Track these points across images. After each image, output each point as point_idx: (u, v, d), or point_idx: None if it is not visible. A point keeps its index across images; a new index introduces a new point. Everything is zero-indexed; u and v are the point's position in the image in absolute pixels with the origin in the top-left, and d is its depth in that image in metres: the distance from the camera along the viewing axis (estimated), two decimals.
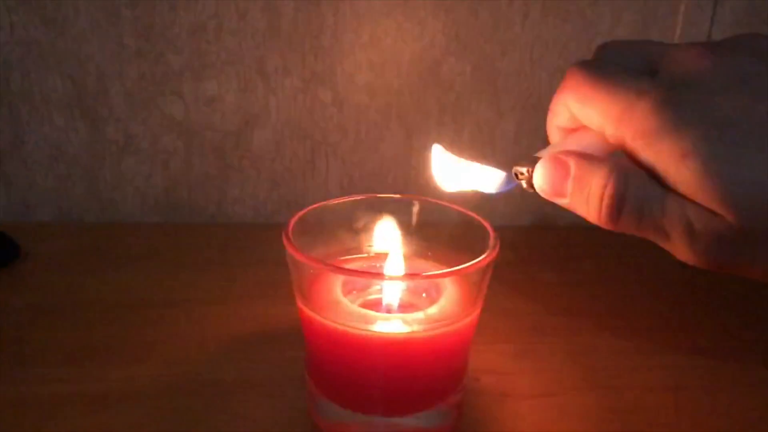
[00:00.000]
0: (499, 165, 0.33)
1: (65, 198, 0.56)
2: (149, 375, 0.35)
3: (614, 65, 0.30)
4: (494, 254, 0.28)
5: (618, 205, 0.28)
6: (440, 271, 0.30)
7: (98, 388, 0.34)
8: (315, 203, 0.33)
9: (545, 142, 0.33)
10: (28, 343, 0.38)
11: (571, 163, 0.29)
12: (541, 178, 0.30)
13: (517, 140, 0.56)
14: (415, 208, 0.34)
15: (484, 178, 0.32)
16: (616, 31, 0.54)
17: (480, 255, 0.28)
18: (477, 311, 0.30)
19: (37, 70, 0.52)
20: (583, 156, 0.30)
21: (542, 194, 0.31)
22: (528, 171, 0.31)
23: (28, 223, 0.56)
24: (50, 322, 0.40)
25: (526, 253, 0.53)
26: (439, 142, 0.56)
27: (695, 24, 0.54)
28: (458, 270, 0.28)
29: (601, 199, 0.28)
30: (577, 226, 0.56)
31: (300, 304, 0.30)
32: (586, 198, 0.29)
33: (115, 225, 0.56)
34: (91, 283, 0.45)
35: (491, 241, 0.29)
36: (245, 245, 0.52)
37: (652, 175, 0.27)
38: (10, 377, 0.35)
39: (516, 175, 0.32)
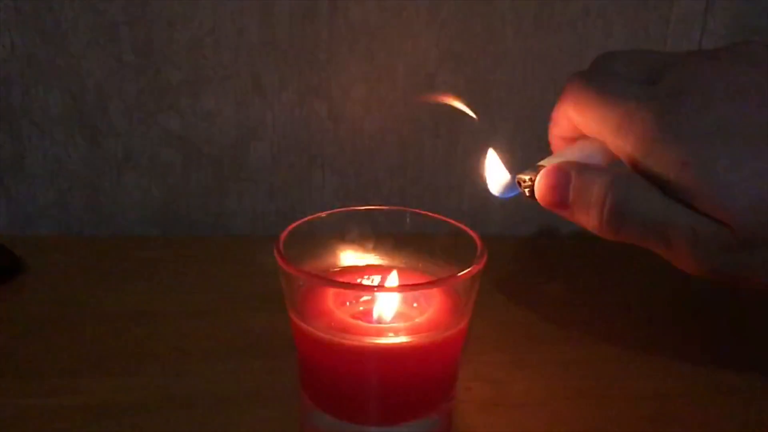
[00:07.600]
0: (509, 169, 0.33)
1: (65, 212, 0.57)
2: (146, 386, 0.36)
3: (613, 75, 0.30)
4: (481, 266, 0.29)
5: (619, 212, 0.28)
6: (427, 283, 0.30)
7: (97, 399, 0.35)
8: (311, 215, 0.33)
9: (542, 153, 0.34)
10: (28, 356, 0.38)
11: (572, 173, 0.29)
12: (542, 188, 0.30)
13: (512, 152, 0.57)
14: (407, 220, 0.34)
15: (493, 179, 0.33)
16: (607, 43, 0.54)
17: (469, 266, 0.29)
18: (466, 321, 0.30)
19: (37, 86, 0.53)
20: (584, 165, 0.30)
21: (543, 204, 0.31)
22: (530, 179, 0.31)
23: (28, 236, 0.56)
24: (51, 334, 0.40)
25: (524, 262, 0.53)
26: (433, 155, 0.57)
27: (686, 36, 0.54)
28: (445, 280, 0.29)
29: (603, 208, 0.28)
30: (577, 236, 0.57)
31: (292, 315, 0.30)
32: (588, 207, 0.29)
33: (114, 238, 0.56)
34: (92, 295, 0.45)
35: (478, 253, 0.30)
36: (243, 257, 0.52)
37: (653, 183, 0.27)
38: (10, 389, 0.35)
39: (519, 182, 0.32)
